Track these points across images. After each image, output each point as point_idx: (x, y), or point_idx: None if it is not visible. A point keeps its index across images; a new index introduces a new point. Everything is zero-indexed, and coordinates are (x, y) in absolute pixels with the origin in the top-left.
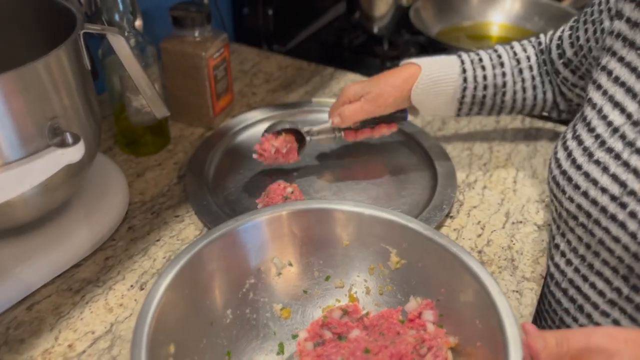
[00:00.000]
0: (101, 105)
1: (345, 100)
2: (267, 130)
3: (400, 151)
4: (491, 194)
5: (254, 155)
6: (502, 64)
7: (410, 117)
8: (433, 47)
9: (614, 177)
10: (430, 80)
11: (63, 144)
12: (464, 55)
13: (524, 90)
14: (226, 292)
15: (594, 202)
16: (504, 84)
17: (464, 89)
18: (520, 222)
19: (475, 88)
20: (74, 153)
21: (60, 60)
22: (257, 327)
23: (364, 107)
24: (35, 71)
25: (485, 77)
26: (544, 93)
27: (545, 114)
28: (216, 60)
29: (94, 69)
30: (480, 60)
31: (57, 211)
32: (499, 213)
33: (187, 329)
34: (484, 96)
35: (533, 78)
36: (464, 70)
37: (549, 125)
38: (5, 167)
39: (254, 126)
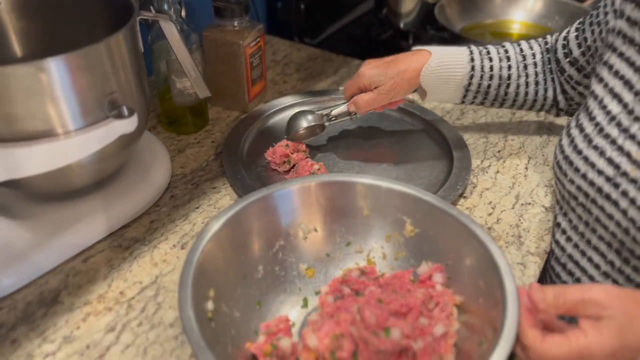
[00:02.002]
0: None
1: (360, 85)
2: (288, 128)
3: (420, 138)
4: (503, 178)
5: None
6: (508, 58)
7: (420, 101)
8: (457, 42)
9: (609, 160)
10: (439, 66)
11: (120, 116)
12: (473, 47)
13: (527, 84)
14: (258, 251)
15: (592, 183)
16: (509, 77)
17: (471, 76)
18: (529, 203)
19: (481, 77)
20: (129, 124)
21: (119, 42)
22: (284, 283)
23: (377, 98)
24: (98, 51)
25: (491, 68)
26: (545, 90)
27: (545, 112)
28: (252, 49)
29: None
30: (488, 52)
31: (110, 179)
32: (510, 195)
33: (224, 278)
34: (489, 86)
35: (537, 74)
36: (472, 60)
37: (563, 119)
38: (69, 134)
39: (284, 110)
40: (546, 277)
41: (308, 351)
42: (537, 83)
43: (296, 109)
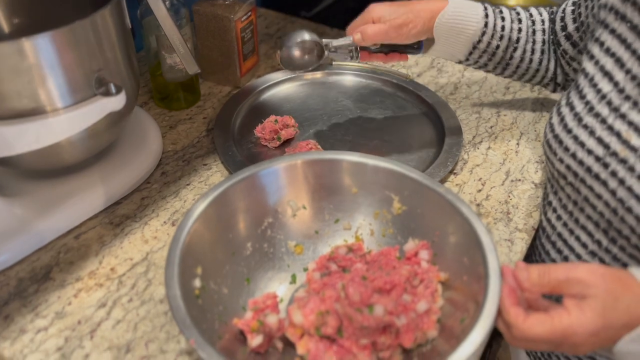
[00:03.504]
0: (138, 62)
1: (368, 19)
2: (285, 40)
3: (412, 113)
4: (494, 154)
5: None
6: (520, 20)
7: (413, 76)
8: None
9: (599, 140)
10: (454, 16)
11: (107, 93)
12: (487, 5)
13: (532, 51)
14: (247, 228)
15: (581, 162)
16: (517, 40)
17: (483, 33)
18: (519, 180)
19: (492, 36)
20: (117, 102)
21: (105, 19)
22: (273, 259)
23: (388, 31)
24: (84, 28)
25: (503, 28)
26: (548, 61)
27: (542, 86)
28: (243, 23)
29: (131, 29)
30: (501, 12)
31: (100, 155)
32: (500, 172)
33: (212, 256)
34: (497, 47)
35: (543, 42)
36: (487, 16)
37: (556, 95)
38: (57, 112)
39: (276, 86)
40: (535, 254)
41: (294, 327)
42: (542, 52)
43: (288, 85)
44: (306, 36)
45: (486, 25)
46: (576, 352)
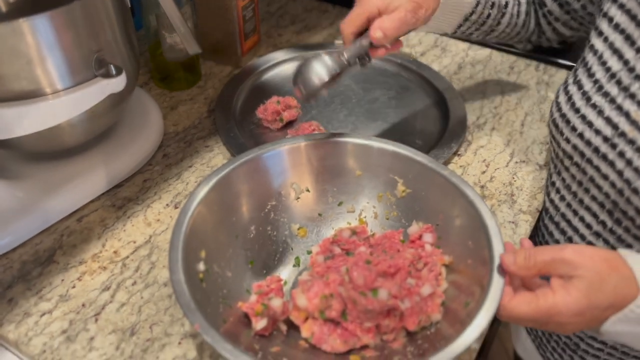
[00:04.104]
0: (138, 42)
1: (371, 10)
2: (301, 84)
3: (416, 93)
4: (499, 135)
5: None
6: None
7: (416, 55)
8: None
9: (608, 120)
10: None
11: (107, 75)
12: None
13: (518, 14)
14: (250, 211)
15: (588, 142)
16: (506, 4)
17: (477, 4)
18: (523, 161)
19: (484, 6)
20: (117, 83)
21: None
22: (277, 242)
23: (406, 18)
24: (83, 7)
25: None
26: (530, 22)
27: (518, 45)
28: (245, 2)
29: (131, 7)
30: None
31: (101, 137)
32: (504, 153)
33: (216, 239)
34: (489, 15)
35: (528, 3)
36: None
37: (562, 72)
38: (57, 94)
39: (278, 65)
40: (539, 235)
41: (298, 311)
42: (527, 13)
43: (290, 65)
44: (324, 75)
45: None
46: (563, 331)
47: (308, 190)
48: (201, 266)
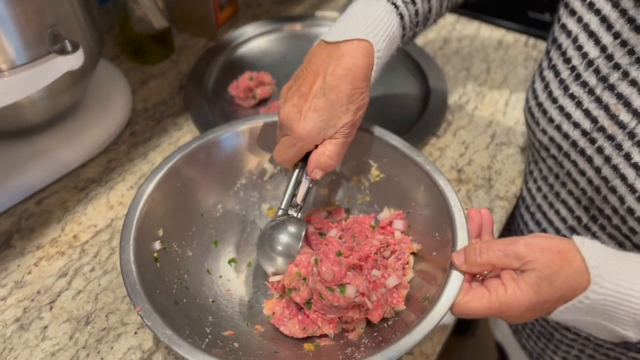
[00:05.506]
0: (108, 14)
1: (308, 148)
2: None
3: (397, 70)
4: (481, 115)
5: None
6: None
7: None
8: None
9: (587, 113)
10: (385, 54)
11: (63, 51)
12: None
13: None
14: (217, 189)
15: (566, 136)
16: (430, 10)
17: (403, 36)
18: (504, 143)
19: (410, 27)
20: (74, 60)
21: None
22: (244, 222)
23: (346, 143)
24: None
25: (417, 13)
26: None
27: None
28: None
29: None
30: None
31: (65, 115)
32: (485, 134)
33: (177, 217)
34: (417, 23)
35: None
36: (402, 18)
37: None
38: (12, 71)
39: (255, 39)
40: (514, 224)
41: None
42: None
43: (268, 38)
44: (296, 244)
45: (404, 27)
46: (514, 322)
47: (281, 171)
48: (157, 245)
